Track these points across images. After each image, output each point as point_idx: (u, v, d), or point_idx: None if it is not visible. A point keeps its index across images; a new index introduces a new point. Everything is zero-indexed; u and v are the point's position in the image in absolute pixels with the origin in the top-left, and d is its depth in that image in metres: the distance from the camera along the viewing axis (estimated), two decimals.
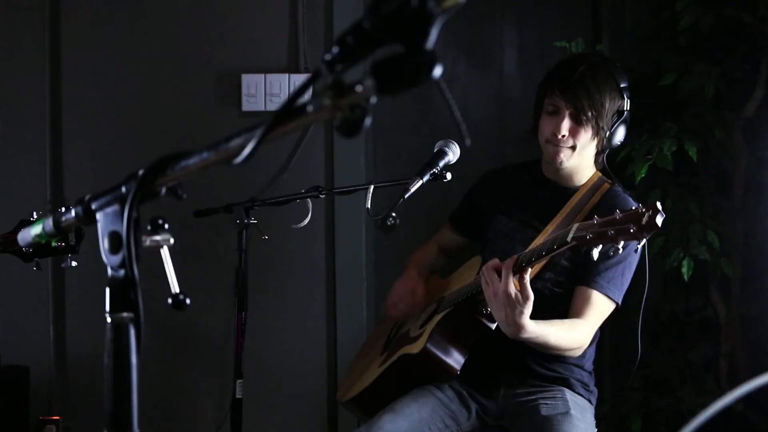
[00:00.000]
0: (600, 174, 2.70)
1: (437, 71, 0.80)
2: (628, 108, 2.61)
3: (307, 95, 0.91)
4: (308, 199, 2.92)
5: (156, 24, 3.61)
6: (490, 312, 2.39)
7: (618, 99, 2.58)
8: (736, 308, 3.38)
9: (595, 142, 2.60)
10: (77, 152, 3.65)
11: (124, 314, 1.13)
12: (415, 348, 2.55)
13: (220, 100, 3.59)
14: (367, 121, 0.86)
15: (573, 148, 2.58)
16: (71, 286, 3.63)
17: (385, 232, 3.73)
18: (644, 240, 2.10)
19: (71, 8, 3.63)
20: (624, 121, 2.61)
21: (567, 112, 2.55)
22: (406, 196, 2.50)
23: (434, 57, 0.79)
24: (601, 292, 2.51)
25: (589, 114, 2.53)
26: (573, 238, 2.18)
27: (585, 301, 2.51)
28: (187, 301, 1.13)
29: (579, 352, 2.57)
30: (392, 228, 3.02)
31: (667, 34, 3.36)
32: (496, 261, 2.35)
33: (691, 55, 3.26)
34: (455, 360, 2.53)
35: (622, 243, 2.10)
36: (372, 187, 2.62)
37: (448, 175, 2.57)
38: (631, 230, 2.07)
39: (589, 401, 2.68)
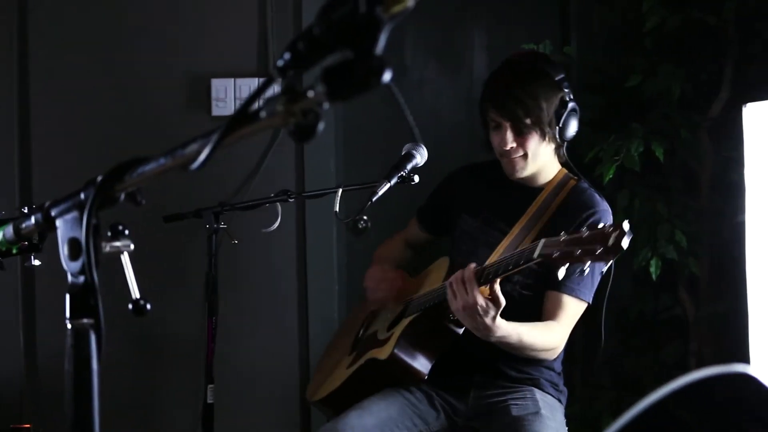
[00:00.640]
0: (565, 171, 2.71)
1: (387, 76, 0.81)
2: (571, 97, 2.60)
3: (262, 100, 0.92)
4: (277, 203, 2.93)
5: (125, 28, 3.61)
6: (458, 318, 2.40)
7: (556, 94, 2.57)
8: (704, 307, 3.41)
9: (547, 141, 2.60)
10: (46, 156, 3.63)
11: (85, 320, 1.13)
12: (382, 353, 2.56)
13: (189, 105, 3.58)
14: (320, 126, 0.86)
15: (525, 155, 2.59)
16: (41, 291, 3.61)
17: (356, 235, 3.72)
18: (611, 261, 2.10)
19: (39, 12, 3.61)
20: (572, 111, 2.60)
21: (507, 125, 2.56)
22: (374, 199, 2.51)
23: (383, 62, 0.80)
24: (572, 295, 2.52)
25: (528, 121, 2.54)
26: (539, 255, 2.19)
27: (556, 305, 2.53)
28: (148, 306, 1.13)
29: (553, 355, 2.59)
30: (364, 231, 3.02)
31: (633, 36, 3.39)
32: (462, 274, 2.35)
33: (657, 57, 3.29)
34: (422, 365, 2.54)
35: (588, 263, 2.10)
36: (340, 190, 2.63)
37: (416, 178, 2.58)
38: (597, 252, 2.06)
39: (559, 400, 2.69)
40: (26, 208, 1.54)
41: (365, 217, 2.57)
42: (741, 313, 2.91)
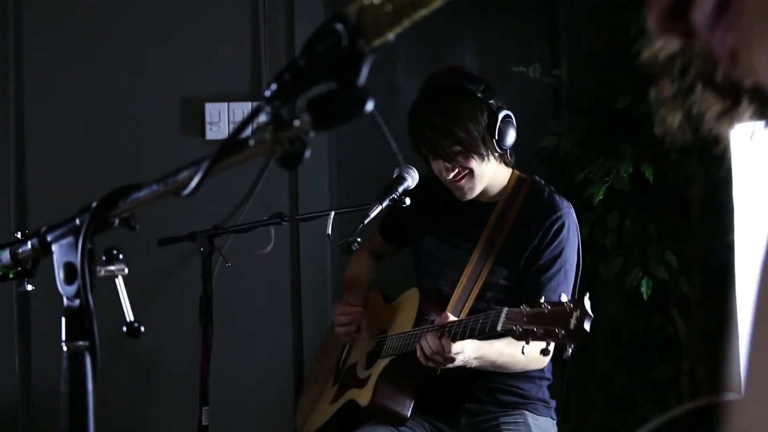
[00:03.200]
0: (517, 172, 2.64)
1: (369, 106, 0.84)
2: (500, 104, 2.50)
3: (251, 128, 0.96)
4: (271, 226, 2.95)
5: (120, 53, 3.64)
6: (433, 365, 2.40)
7: (482, 108, 2.47)
8: (696, 326, 3.43)
9: (487, 158, 2.51)
10: (41, 181, 3.65)
11: (80, 343, 1.16)
12: (362, 398, 2.56)
13: (183, 129, 3.61)
14: (307, 153, 0.90)
15: (471, 173, 2.51)
16: (36, 315, 3.62)
17: (350, 257, 3.76)
18: (572, 345, 2.05)
19: (34, 37, 3.65)
20: (505, 119, 2.50)
21: (439, 158, 2.51)
22: (366, 221, 2.51)
23: (366, 93, 0.84)
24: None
25: (458, 148, 2.46)
26: (502, 329, 2.15)
27: None
28: (141, 328, 1.16)
29: (544, 362, 2.56)
30: None
31: (622, 57, 3.42)
32: (431, 346, 2.33)
33: (646, 78, 3.32)
34: (403, 407, 2.52)
35: (552, 344, 2.08)
36: (333, 213, 2.64)
37: (407, 200, 2.57)
38: (559, 336, 2.03)
39: (551, 417, 2.69)
40: (20, 233, 1.57)
41: (359, 240, 2.58)
42: (732, 332, 2.93)
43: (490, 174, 2.56)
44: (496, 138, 2.48)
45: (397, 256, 2.99)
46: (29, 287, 2.11)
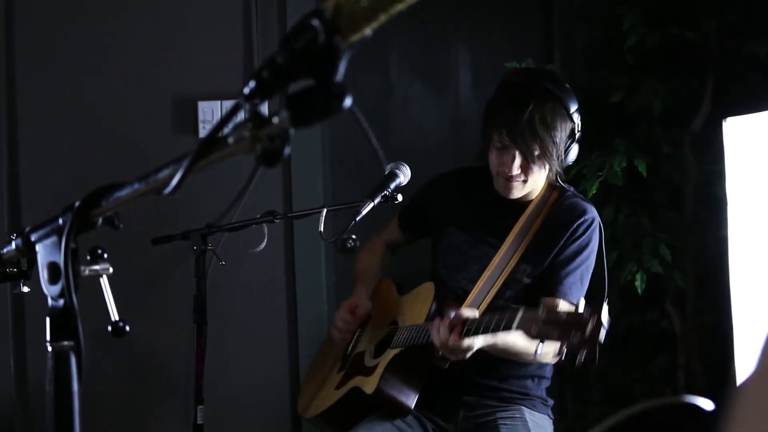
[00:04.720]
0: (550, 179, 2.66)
1: (347, 102, 0.84)
2: (580, 129, 2.56)
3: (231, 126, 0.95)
4: (264, 224, 2.95)
5: (112, 52, 3.64)
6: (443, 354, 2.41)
7: (569, 125, 2.52)
8: (691, 320, 3.43)
9: (549, 170, 2.56)
10: (34, 181, 3.65)
11: (65, 342, 1.15)
12: (368, 386, 2.56)
13: (176, 127, 3.61)
14: (287, 150, 0.89)
15: (525, 181, 2.54)
16: (31, 316, 3.62)
17: (345, 254, 3.75)
18: (585, 351, 2.06)
19: (25, 37, 3.65)
20: (576, 141, 2.57)
21: (517, 152, 2.50)
22: (358, 218, 2.50)
23: (344, 89, 0.83)
24: (564, 299, 2.51)
25: (540, 154, 2.48)
26: (518, 327, 2.17)
27: None
28: (126, 328, 1.15)
29: (550, 357, 2.54)
30: (353, 250, 3.02)
31: (615, 53, 3.42)
32: (446, 321, 2.35)
33: (638, 73, 3.33)
34: (407, 398, 2.53)
35: (564, 347, 2.09)
36: (325, 210, 2.64)
37: (399, 197, 2.57)
38: (574, 341, 2.05)
39: (548, 416, 2.70)
40: (14, 234, 1.56)
41: (354, 236, 2.57)
42: (727, 326, 2.93)
43: (537, 182, 2.60)
44: (564, 157, 2.56)
45: (413, 247, 3.00)
46: (25, 289, 2.10)
